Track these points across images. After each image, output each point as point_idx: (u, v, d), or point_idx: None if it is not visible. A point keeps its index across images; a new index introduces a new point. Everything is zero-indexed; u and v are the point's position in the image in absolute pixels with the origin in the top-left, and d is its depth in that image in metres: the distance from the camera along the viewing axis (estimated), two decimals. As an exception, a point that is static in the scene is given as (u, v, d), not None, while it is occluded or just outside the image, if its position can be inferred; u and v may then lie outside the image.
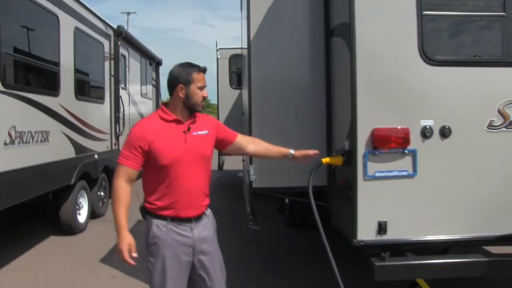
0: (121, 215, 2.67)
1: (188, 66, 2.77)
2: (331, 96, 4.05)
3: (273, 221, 7.15)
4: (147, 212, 2.81)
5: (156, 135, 2.69)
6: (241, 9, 6.38)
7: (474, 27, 3.51)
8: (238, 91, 9.30)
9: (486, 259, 3.42)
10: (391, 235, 3.38)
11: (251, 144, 3.16)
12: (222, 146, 3.06)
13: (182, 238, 2.73)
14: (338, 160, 3.44)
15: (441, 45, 3.46)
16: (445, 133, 3.39)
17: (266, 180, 4.12)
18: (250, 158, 4.00)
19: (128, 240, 2.64)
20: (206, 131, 2.85)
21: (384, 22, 3.34)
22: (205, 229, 2.84)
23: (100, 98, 8.11)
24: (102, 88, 8.21)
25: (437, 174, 3.42)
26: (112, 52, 8.67)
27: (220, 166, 9.78)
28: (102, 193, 8.10)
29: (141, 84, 11.10)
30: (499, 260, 3.48)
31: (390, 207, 3.39)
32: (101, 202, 8.04)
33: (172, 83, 2.78)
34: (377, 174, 3.36)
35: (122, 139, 9.03)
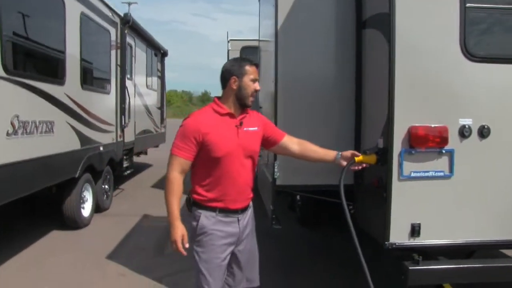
0: (174, 205, 2.74)
1: (241, 60, 2.87)
2: (361, 91, 3.86)
3: (286, 218, 6.98)
4: (194, 204, 2.85)
5: (210, 127, 2.73)
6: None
7: (518, 21, 3.33)
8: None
9: None
10: (424, 238, 3.23)
11: (297, 145, 3.09)
12: (268, 145, 3.07)
13: (230, 229, 2.81)
14: (371, 159, 3.26)
15: (483, 40, 3.29)
16: (484, 133, 3.24)
17: (290, 178, 3.95)
18: (274, 154, 3.81)
19: (181, 231, 2.72)
20: (256, 128, 2.90)
21: (425, 14, 3.16)
22: (249, 219, 2.95)
23: (106, 89, 7.89)
24: (108, 79, 7.99)
25: (474, 175, 3.27)
26: (119, 41, 8.44)
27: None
28: (106, 186, 7.91)
29: (147, 76, 10.87)
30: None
31: (424, 209, 3.24)
32: (105, 196, 7.85)
33: (226, 76, 2.82)
34: (413, 174, 3.20)
35: (127, 130, 8.84)
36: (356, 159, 3.29)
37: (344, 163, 3.06)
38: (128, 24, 8.68)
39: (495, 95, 3.25)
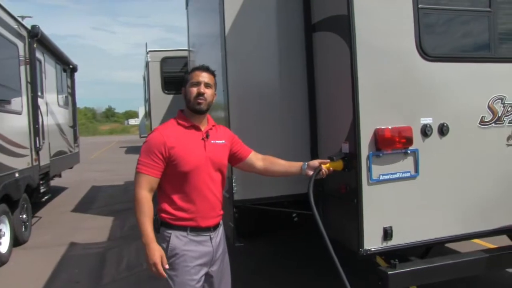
0: (147, 226, 2.52)
1: (190, 70, 2.80)
2: (314, 96, 3.76)
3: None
4: (162, 224, 2.65)
5: (176, 141, 2.59)
6: (187, 5, 5.92)
7: (466, 22, 3.46)
8: (171, 96, 8.73)
9: (487, 255, 3.40)
10: (396, 240, 3.22)
11: (262, 161, 3.02)
12: (234, 161, 2.96)
13: (203, 248, 2.66)
14: (339, 165, 3.18)
15: (437, 40, 3.35)
16: (443, 130, 3.31)
17: (249, 192, 3.74)
18: (231, 168, 3.59)
19: (159, 252, 2.52)
20: (223, 141, 2.80)
21: (382, 15, 3.16)
22: (221, 238, 2.81)
23: (17, 108, 7.09)
24: (19, 97, 7.20)
25: (437, 173, 3.32)
26: (27, 56, 7.66)
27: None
28: (24, 216, 7.09)
29: (58, 93, 10.03)
30: (499, 255, 3.45)
31: (394, 211, 3.22)
32: (23, 227, 7.03)
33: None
34: (382, 177, 3.17)
35: (42, 153, 8.05)
36: (324, 166, 3.19)
37: (311, 172, 2.97)
38: (37, 38, 7.93)
39: (451, 93, 3.34)
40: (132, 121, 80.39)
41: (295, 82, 3.84)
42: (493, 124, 3.47)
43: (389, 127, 3.14)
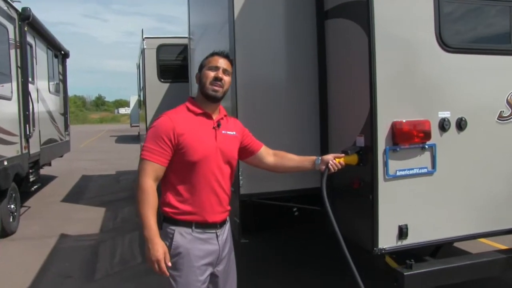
0: (151, 218, 2.32)
1: (208, 55, 2.59)
2: (326, 88, 3.58)
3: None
4: (165, 219, 2.48)
5: (186, 127, 2.41)
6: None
7: (487, 13, 3.30)
8: (167, 84, 8.48)
9: (504, 255, 3.28)
10: (412, 239, 3.08)
11: (273, 156, 2.82)
12: (244, 155, 2.77)
13: (208, 246, 2.48)
14: (353, 159, 3.02)
15: (457, 30, 3.20)
16: (461, 125, 3.17)
17: (256, 185, 3.56)
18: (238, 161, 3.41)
19: (163, 248, 2.34)
20: (234, 133, 2.63)
21: (402, 2, 2.99)
22: (228, 235, 2.63)
23: (6, 94, 6.82)
24: (9, 82, 6.92)
25: (454, 169, 3.19)
26: (18, 40, 7.37)
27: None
28: (12, 206, 6.85)
29: (49, 79, 9.73)
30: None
31: (410, 208, 3.08)
32: (11, 217, 6.79)
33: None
34: (398, 173, 3.02)
35: (32, 141, 7.79)
36: (337, 160, 3.03)
37: (325, 167, 2.78)
38: (28, 21, 7.63)
39: (470, 86, 3.20)
40: (123, 110, 79.66)
41: (304, 71, 3.65)
42: (511, 120, 3.33)
43: (407, 120, 2.98)
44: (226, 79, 2.51)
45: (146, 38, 8.43)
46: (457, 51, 3.13)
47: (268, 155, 2.79)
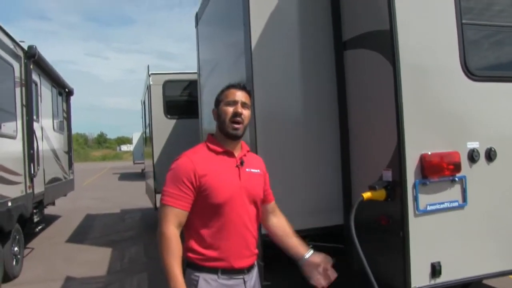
0: (176, 268, 2.13)
1: (223, 88, 2.42)
2: (346, 121, 3.46)
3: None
4: (189, 265, 2.30)
5: (208, 168, 2.24)
6: (196, 24, 5.66)
7: (510, 38, 3.21)
8: (174, 121, 8.41)
9: None
10: (446, 276, 2.91)
11: (277, 217, 2.58)
12: None
13: None
14: (381, 194, 2.87)
15: (482, 58, 3.12)
16: (491, 155, 3.05)
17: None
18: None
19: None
20: (259, 170, 2.44)
21: (426, 30, 2.92)
22: (256, 281, 2.42)
23: (11, 132, 6.72)
24: (14, 121, 6.83)
25: (485, 202, 3.04)
26: (23, 78, 7.33)
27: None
28: (16, 249, 6.62)
29: (53, 117, 9.67)
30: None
31: (442, 244, 2.92)
32: (14, 260, 6.55)
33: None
34: (429, 208, 2.86)
35: (36, 180, 7.64)
36: (365, 195, 2.89)
37: (308, 267, 2.42)
38: (34, 59, 7.62)
39: (497, 114, 3.09)
40: (125, 147, 79.75)
41: (323, 104, 3.54)
42: (540, 148, 3.20)
43: (436, 152, 2.85)
44: (246, 113, 2.33)
45: (152, 74, 8.41)
46: (482, 79, 3.03)
47: (273, 213, 2.57)
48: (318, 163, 3.52)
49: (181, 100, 8.53)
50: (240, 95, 2.32)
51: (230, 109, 2.29)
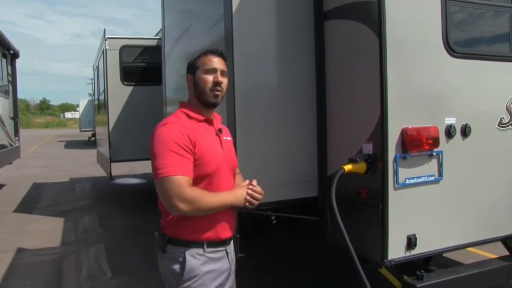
0: (220, 195, 2.16)
1: (199, 53, 2.31)
2: (325, 93, 3.41)
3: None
4: (170, 241, 2.20)
5: (196, 136, 2.15)
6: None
7: (491, 18, 3.28)
8: (131, 88, 8.08)
9: (507, 263, 3.26)
10: (420, 248, 2.97)
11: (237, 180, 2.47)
12: None
13: (220, 266, 2.25)
14: (361, 167, 2.88)
15: (462, 35, 3.15)
16: (466, 132, 3.11)
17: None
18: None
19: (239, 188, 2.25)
20: (230, 138, 2.42)
21: (412, 4, 2.90)
22: (233, 252, 2.41)
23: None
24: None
25: (459, 177, 3.12)
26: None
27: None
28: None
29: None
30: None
31: (418, 217, 2.99)
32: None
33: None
34: (407, 181, 2.90)
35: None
36: (346, 168, 2.89)
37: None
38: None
39: (473, 92, 3.15)
40: (69, 115, 76.55)
41: (301, 74, 3.47)
42: (510, 126, 3.33)
43: (417, 127, 2.88)
44: (225, 81, 2.27)
45: (108, 38, 7.98)
46: (462, 56, 3.07)
47: (238, 175, 2.47)
48: (294, 135, 3.48)
49: (139, 67, 8.18)
50: (218, 62, 2.24)
51: (210, 78, 2.21)
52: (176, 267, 2.15)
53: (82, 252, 6.01)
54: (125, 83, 8.10)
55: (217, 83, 2.21)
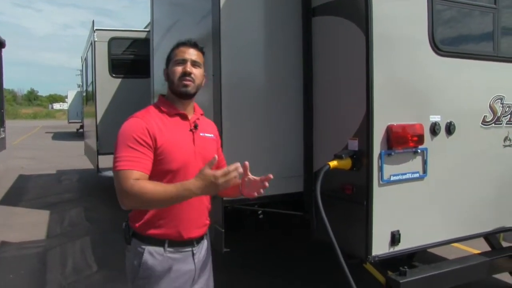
0: (168, 187, 1.93)
1: (173, 46, 2.26)
2: (312, 89, 3.41)
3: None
4: (134, 235, 2.17)
5: (161, 130, 2.09)
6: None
7: (475, 17, 3.32)
8: (119, 80, 8.02)
9: (489, 258, 3.35)
10: (404, 244, 3.01)
11: None
12: None
13: (182, 267, 2.16)
14: (346, 163, 2.89)
15: (448, 34, 3.18)
16: (451, 129, 3.16)
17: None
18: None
19: (203, 173, 1.88)
20: (212, 135, 2.34)
21: (398, 2, 2.91)
22: (206, 253, 2.34)
23: None
24: None
25: (443, 174, 3.17)
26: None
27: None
28: None
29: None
30: (500, 258, 3.43)
31: (402, 214, 3.02)
32: None
33: None
34: (392, 178, 2.93)
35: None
36: (331, 164, 2.91)
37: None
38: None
39: (457, 90, 3.20)
40: (57, 106, 75.82)
41: (289, 70, 3.47)
42: (493, 124, 3.38)
43: (402, 124, 2.90)
44: (197, 72, 2.18)
45: (97, 29, 7.90)
46: (447, 54, 3.10)
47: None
48: (281, 130, 3.48)
49: (128, 59, 8.11)
50: (190, 53, 2.18)
51: (179, 69, 2.16)
52: (135, 262, 2.13)
53: (67, 245, 5.97)
54: (114, 75, 8.03)
55: (185, 73, 2.15)
